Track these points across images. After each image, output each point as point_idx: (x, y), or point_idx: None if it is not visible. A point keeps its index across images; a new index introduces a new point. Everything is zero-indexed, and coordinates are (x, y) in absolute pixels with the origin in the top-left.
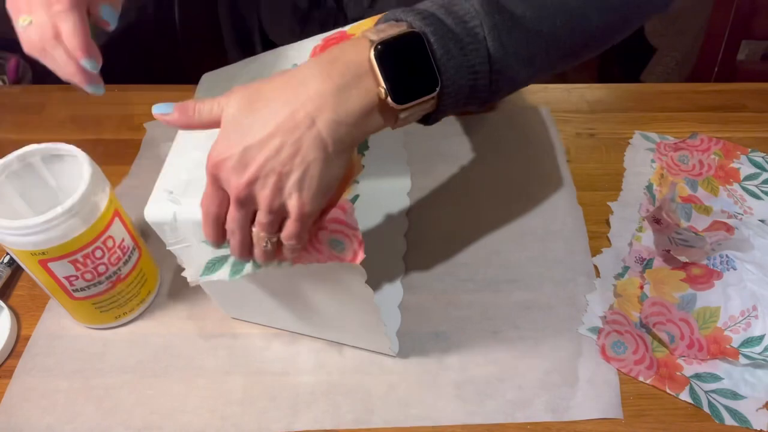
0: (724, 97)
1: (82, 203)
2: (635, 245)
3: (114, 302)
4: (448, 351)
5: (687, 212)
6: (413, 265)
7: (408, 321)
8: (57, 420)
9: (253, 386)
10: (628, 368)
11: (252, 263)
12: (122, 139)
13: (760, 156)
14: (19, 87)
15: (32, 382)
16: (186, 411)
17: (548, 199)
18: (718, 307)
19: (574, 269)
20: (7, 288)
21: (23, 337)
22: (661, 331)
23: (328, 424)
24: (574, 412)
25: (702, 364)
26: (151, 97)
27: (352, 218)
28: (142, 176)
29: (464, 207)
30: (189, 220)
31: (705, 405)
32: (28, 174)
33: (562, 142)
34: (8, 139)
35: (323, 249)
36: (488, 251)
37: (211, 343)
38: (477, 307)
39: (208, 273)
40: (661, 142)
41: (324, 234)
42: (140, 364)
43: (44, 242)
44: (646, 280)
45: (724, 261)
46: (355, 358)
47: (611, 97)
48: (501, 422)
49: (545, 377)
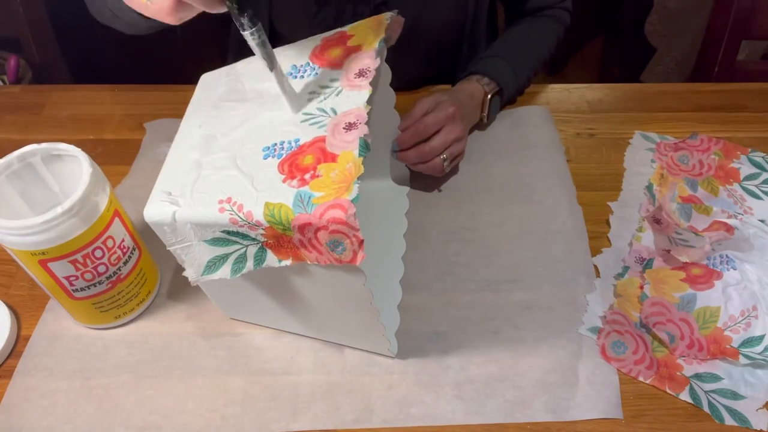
0: (724, 97)
1: (82, 203)
2: (635, 245)
3: (114, 302)
4: (448, 351)
5: (687, 212)
6: (413, 265)
7: (408, 321)
8: (57, 420)
9: (253, 386)
10: (628, 368)
11: (253, 261)
12: (122, 139)
13: (760, 156)
14: (19, 87)
15: (32, 382)
16: (186, 411)
17: (548, 199)
18: (718, 307)
19: (574, 269)
20: (7, 288)
21: (23, 337)
22: (661, 331)
23: (328, 424)
24: (574, 412)
25: (702, 364)
26: (151, 97)
27: (352, 218)
28: (142, 176)
29: (464, 207)
30: (188, 220)
31: (705, 405)
32: (28, 174)
33: (562, 142)
34: (8, 139)
35: (323, 250)
36: (488, 251)
37: (211, 343)
38: (477, 307)
39: (209, 272)
40: (661, 142)
41: (324, 234)
42: (140, 364)
43: (44, 242)
44: (646, 280)
45: (724, 261)
46: (355, 358)
47: (611, 97)
48: (501, 422)
49: (545, 377)
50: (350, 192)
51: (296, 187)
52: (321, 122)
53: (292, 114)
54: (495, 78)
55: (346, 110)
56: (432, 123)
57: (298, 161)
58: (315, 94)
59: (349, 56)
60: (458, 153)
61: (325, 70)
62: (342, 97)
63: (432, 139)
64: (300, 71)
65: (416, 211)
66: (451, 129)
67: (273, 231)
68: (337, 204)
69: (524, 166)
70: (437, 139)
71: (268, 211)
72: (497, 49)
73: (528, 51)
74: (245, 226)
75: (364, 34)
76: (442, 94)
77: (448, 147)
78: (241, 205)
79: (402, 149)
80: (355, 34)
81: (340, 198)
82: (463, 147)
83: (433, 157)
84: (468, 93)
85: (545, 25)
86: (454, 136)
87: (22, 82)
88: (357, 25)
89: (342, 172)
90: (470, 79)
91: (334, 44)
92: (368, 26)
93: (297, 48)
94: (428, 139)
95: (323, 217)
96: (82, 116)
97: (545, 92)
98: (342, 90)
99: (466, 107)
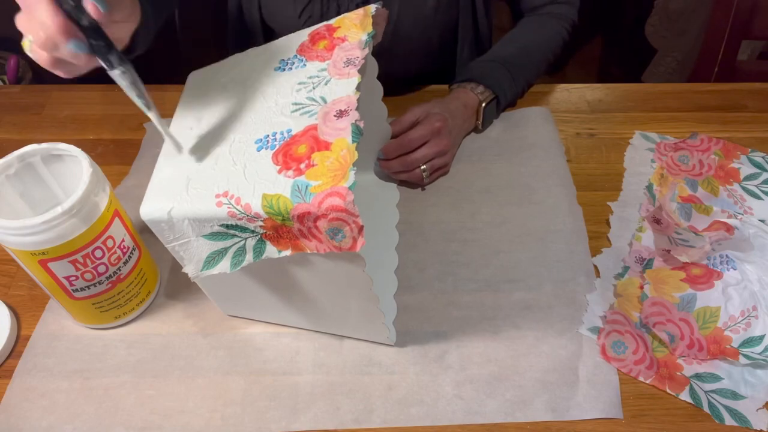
0: (724, 97)
1: (82, 203)
2: (635, 245)
3: (114, 302)
4: (448, 351)
5: (687, 212)
6: (413, 265)
7: (408, 320)
8: (57, 420)
9: (253, 386)
10: (628, 368)
11: (252, 253)
12: (122, 139)
13: (760, 156)
14: (19, 87)
15: (32, 382)
16: (186, 411)
17: (548, 199)
18: (718, 307)
19: (574, 269)
20: (7, 288)
21: (23, 337)
22: (661, 331)
23: (328, 424)
24: (574, 412)
25: (702, 364)
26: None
27: (351, 205)
28: (142, 176)
29: (464, 207)
30: (185, 215)
31: (705, 405)
32: (28, 174)
33: (562, 142)
34: (8, 139)
35: (323, 238)
36: (488, 251)
37: (211, 343)
38: (477, 307)
39: (209, 267)
40: (661, 142)
41: (323, 223)
42: (140, 364)
43: (44, 242)
44: (646, 280)
45: (724, 261)
46: (355, 358)
47: (611, 97)
48: (501, 422)
49: (545, 377)
50: (347, 179)
51: (292, 177)
52: (311, 111)
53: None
54: (490, 86)
55: (335, 98)
56: (416, 138)
57: (291, 151)
58: (303, 84)
59: (336, 47)
60: (440, 166)
61: (313, 62)
62: (331, 86)
63: (415, 151)
64: (288, 64)
65: (416, 211)
66: (436, 143)
67: (272, 222)
68: (335, 192)
69: (524, 166)
70: (420, 152)
71: (266, 202)
72: (496, 53)
73: (528, 54)
74: (244, 218)
75: (350, 26)
76: (434, 105)
77: (430, 160)
78: (238, 198)
79: (386, 159)
80: (341, 26)
81: (337, 185)
82: (446, 160)
83: (414, 168)
84: (461, 102)
85: (548, 25)
86: (437, 150)
87: (22, 82)
88: (343, 18)
89: (337, 159)
90: (465, 87)
91: (320, 37)
92: (354, 18)
93: (284, 42)
94: (412, 150)
95: (322, 205)
96: (82, 116)
97: (545, 92)
98: (331, 79)
99: (458, 118)
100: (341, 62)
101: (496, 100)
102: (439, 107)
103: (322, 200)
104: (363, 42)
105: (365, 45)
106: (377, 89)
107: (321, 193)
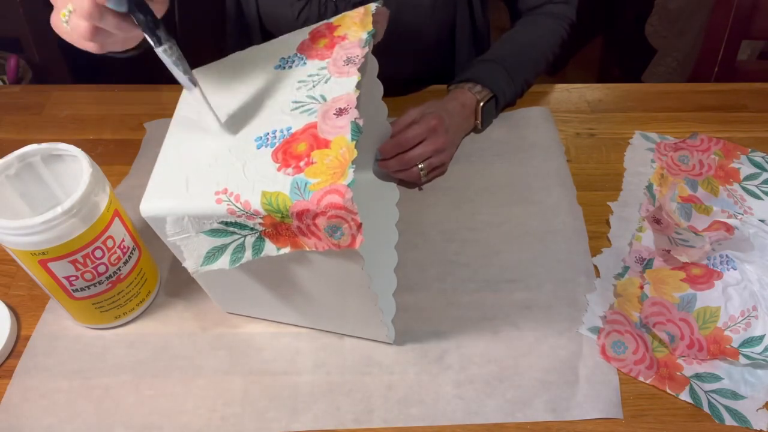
0: (724, 97)
1: (82, 203)
2: (635, 245)
3: (114, 302)
4: (448, 351)
5: (687, 212)
6: (413, 265)
7: (408, 320)
8: (57, 420)
9: (253, 386)
10: (628, 368)
11: (251, 250)
12: (122, 139)
13: (760, 156)
14: (19, 87)
15: (32, 382)
16: (186, 411)
17: (548, 199)
18: (718, 307)
19: (574, 269)
20: (7, 288)
21: (23, 337)
22: (661, 331)
23: (328, 424)
24: (574, 412)
25: (702, 364)
26: (151, 97)
27: (350, 202)
28: (142, 176)
29: (464, 207)
30: (185, 213)
31: (705, 405)
32: (28, 174)
33: (562, 142)
34: (8, 139)
35: (322, 236)
36: (488, 251)
37: (211, 343)
38: (477, 307)
39: (208, 263)
40: (661, 142)
41: (322, 220)
42: (140, 364)
43: (44, 242)
44: (646, 280)
45: (724, 261)
46: (355, 358)
47: (611, 97)
48: (501, 422)
49: (545, 377)
50: (346, 177)
51: (291, 175)
52: (311, 109)
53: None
54: (488, 85)
55: (335, 96)
56: (412, 137)
57: (291, 149)
58: (303, 82)
59: (336, 45)
60: (438, 164)
61: (313, 60)
62: (331, 84)
63: (412, 150)
64: (288, 62)
65: (416, 211)
66: (433, 141)
67: (271, 219)
68: (334, 189)
69: (524, 166)
70: (416, 150)
71: (265, 199)
72: (494, 53)
73: (526, 53)
74: (243, 215)
75: (350, 24)
76: (431, 105)
77: (427, 158)
78: (237, 195)
79: (384, 158)
80: (341, 25)
81: (336, 183)
82: (443, 159)
83: (411, 166)
84: (459, 102)
85: (546, 24)
86: (434, 148)
87: (22, 82)
88: (343, 16)
89: (336, 157)
90: (462, 87)
91: (320, 35)
92: (354, 17)
93: (284, 41)
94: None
95: (321, 202)
96: (82, 116)
97: (545, 92)
98: (330, 77)
99: (455, 117)
100: (341, 60)
101: (494, 100)
102: (436, 107)
103: (321, 198)
104: (363, 40)
105: (365, 43)
106: (377, 88)
107: (320, 190)
